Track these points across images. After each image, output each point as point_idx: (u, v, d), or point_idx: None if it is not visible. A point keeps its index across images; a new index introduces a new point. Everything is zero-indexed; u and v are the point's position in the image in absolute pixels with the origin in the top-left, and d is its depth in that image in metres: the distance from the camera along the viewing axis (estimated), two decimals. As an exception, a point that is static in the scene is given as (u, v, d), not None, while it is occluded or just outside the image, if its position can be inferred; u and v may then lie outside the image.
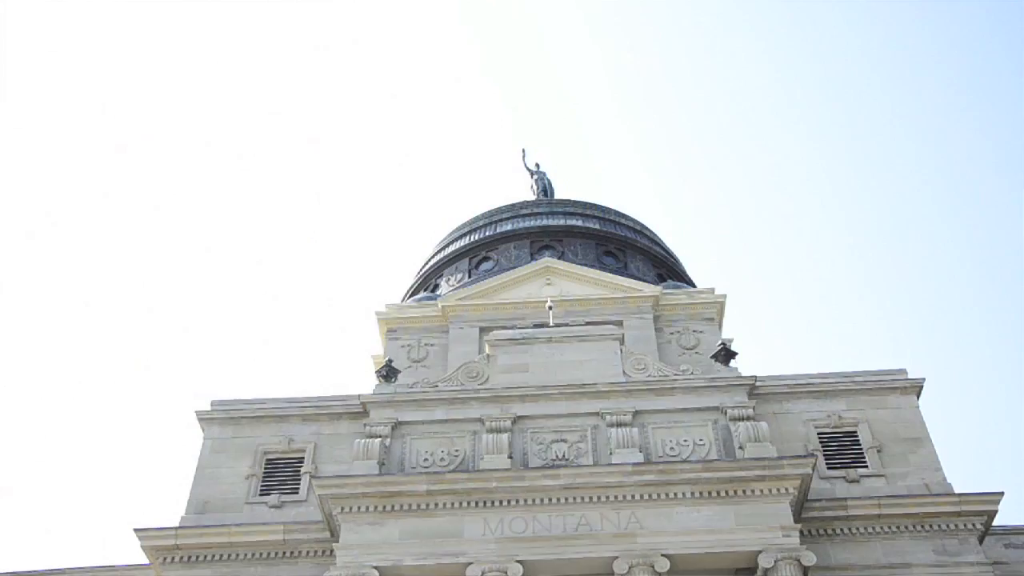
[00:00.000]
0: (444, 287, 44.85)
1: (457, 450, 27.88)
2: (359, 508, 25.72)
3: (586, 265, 42.53)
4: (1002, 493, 26.55)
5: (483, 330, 37.08)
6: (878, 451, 28.08)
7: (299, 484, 28.38)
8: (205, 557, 26.76)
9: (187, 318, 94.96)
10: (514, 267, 42.75)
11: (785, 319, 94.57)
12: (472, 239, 47.24)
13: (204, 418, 30.17)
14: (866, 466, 27.84)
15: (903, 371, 30.17)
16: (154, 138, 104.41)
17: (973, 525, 26.32)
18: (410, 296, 46.63)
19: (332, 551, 25.55)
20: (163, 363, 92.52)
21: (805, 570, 24.23)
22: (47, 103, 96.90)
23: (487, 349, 31.09)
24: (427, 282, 46.89)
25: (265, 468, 28.87)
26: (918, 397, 29.57)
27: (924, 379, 29.77)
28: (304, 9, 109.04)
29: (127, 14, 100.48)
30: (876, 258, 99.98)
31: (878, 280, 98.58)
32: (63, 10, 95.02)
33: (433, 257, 48.66)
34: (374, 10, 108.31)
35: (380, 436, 28.02)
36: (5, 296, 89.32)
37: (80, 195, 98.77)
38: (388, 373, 30.05)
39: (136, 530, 27.01)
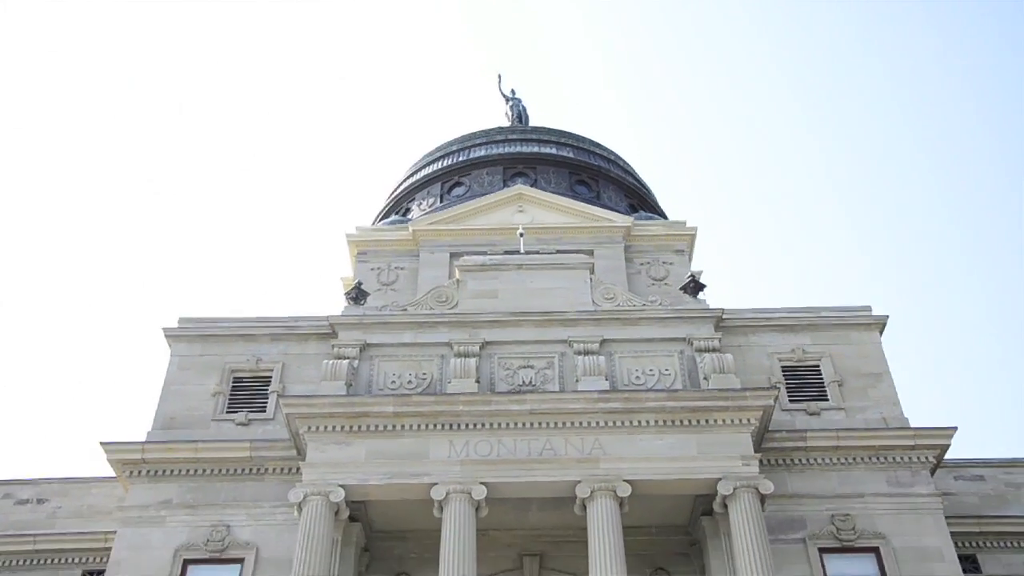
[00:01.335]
0: (416, 211, 44.61)
1: (425, 373, 28.01)
2: (326, 428, 25.87)
3: (559, 193, 42.43)
4: (955, 428, 27.23)
5: (453, 255, 37.06)
6: (839, 385, 28.59)
7: (266, 403, 28.45)
8: (171, 472, 26.88)
9: (157, 237, 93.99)
10: (486, 193, 42.57)
11: (754, 254, 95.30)
12: (445, 164, 46.87)
13: (171, 335, 30.03)
14: (827, 399, 28.37)
15: (868, 308, 30.59)
16: (130, 56, 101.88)
17: (926, 458, 27.02)
18: (381, 219, 46.37)
19: (298, 469, 25.75)
20: (133, 281, 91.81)
21: (763, 498, 24.78)
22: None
23: (457, 274, 31.06)
24: (399, 206, 46.60)
25: (232, 386, 28.88)
26: (881, 334, 30.04)
27: (887, 316, 30.23)
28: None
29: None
30: (848, 196, 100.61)
31: (848, 218, 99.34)
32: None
33: (405, 181, 48.27)
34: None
35: (348, 358, 28.08)
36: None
37: (48, 110, 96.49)
38: (357, 295, 29.99)
39: (103, 443, 27.06)
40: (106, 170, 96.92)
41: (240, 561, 25.51)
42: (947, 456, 28.02)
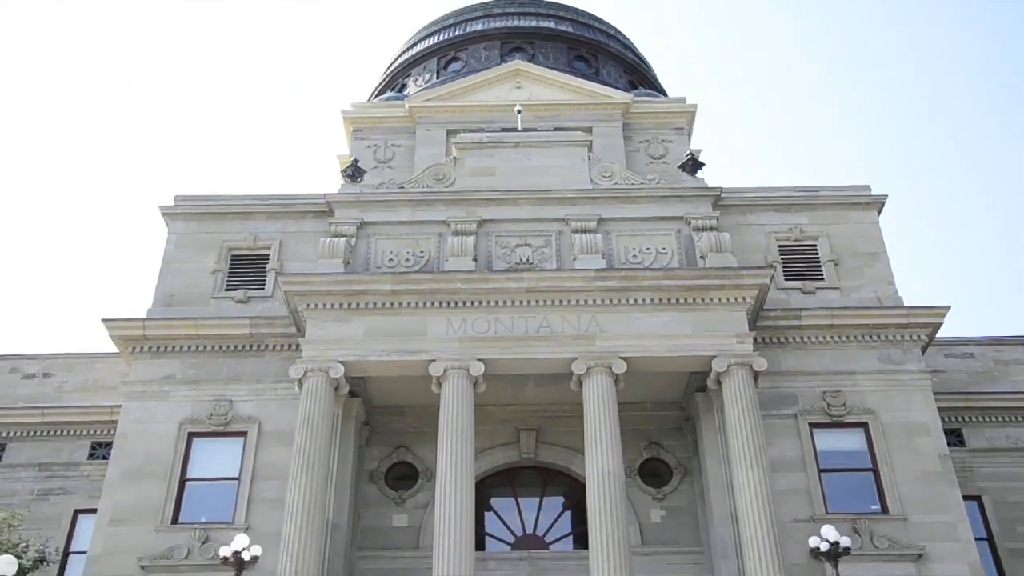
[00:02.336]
0: (412, 87, 43.86)
1: (422, 251, 28.05)
2: (324, 305, 26.05)
3: (557, 69, 41.65)
4: (948, 307, 27.47)
5: (450, 132, 36.68)
6: (835, 264, 28.68)
7: (264, 280, 28.57)
8: (173, 348, 27.21)
9: (154, 115, 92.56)
10: (484, 69, 41.79)
11: (754, 132, 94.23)
12: (441, 38, 45.84)
13: (168, 213, 29.93)
14: (822, 279, 28.50)
15: (867, 187, 30.44)
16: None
17: (918, 336, 27.35)
18: (377, 96, 45.64)
19: (298, 346, 26.07)
20: (131, 160, 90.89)
21: (756, 374, 25.19)
22: None
23: (454, 152, 30.76)
24: (394, 82, 45.79)
25: (230, 264, 28.95)
26: (879, 213, 29.97)
27: (886, 196, 30.09)
28: None
29: None
30: (849, 76, 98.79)
31: (848, 98, 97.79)
32: None
33: (401, 56, 47.30)
34: None
35: (345, 235, 28.07)
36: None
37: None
38: (354, 173, 29.75)
39: (104, 320, 27.29)
40: (102, 48, 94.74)
41: (243, 435, 26.09)
42: (939, 335, 28.38)
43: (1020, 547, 28.97)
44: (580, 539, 26.08)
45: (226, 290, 28.45)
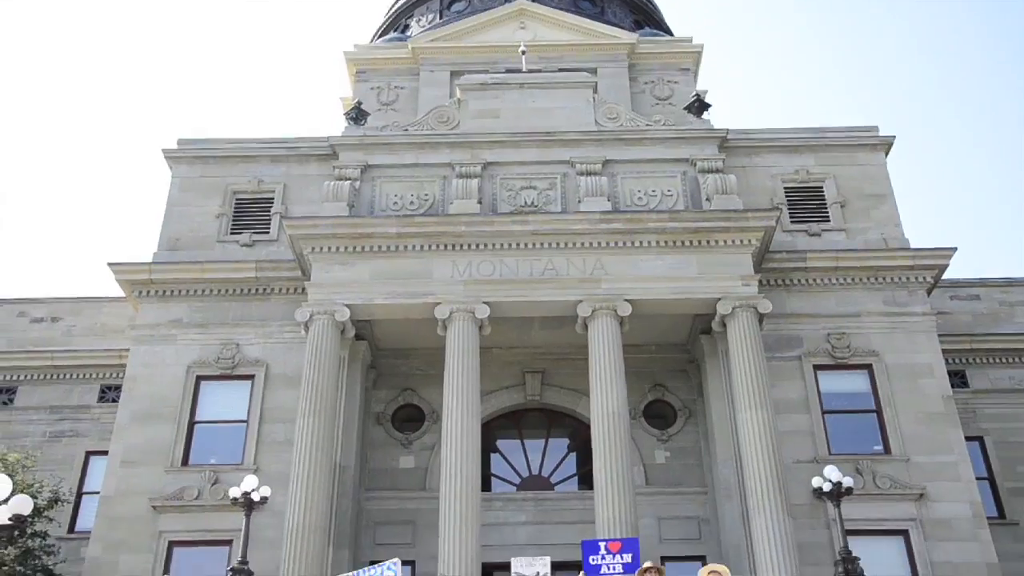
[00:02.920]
0: (415, 28, 43.31)
1: (427, 194, 27.95)
2: (330, 248, 26.04)
3: (561, 9, 41.05)
4: (954, 249, 27.39)
5: (454, 74, 36.28)
6: (841, 206, 28.54)
7: (269, 224, 28.53)
8: (179, 292, 27.30)
9: (158, 57, 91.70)
10: (487, 9, 41.17)
11: (761, 73, 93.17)
12: (444, -23, 45.06)
13: (172, 156, 29.81)
14: (828, 221, 28.39)
15: (874, 128, 30.16)
16: None
17: (924, 278, 27.31)
18: (380, 37, 45.08)
19: (304, 289, 26.12)
20: (135, 104, 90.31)
21: (761, 317, 25.22)
22: None
23: (458, 94, 30.48)
24: (397, 22, 45.19)
25: (235, 207, 28.90)
26: (886, 155, 29.75)
27: (894, 137, 29.84)
28: None
29: None
30: (857, 16, 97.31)
31: (856, 39, 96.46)
32: None
33: (404, -5, 46.56)
34: None
35: (350, 179, 27.95)
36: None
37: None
38: (357, 115, 29.53)
39: (111, 264, 27.36)
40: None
41: (251, 378, 26.29)
42: (946, 276, 28.36)
43: (1020, 486, 29.31)
44: (585, 480, 26.38)
45: (231, 234, 28.44)
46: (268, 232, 28.39)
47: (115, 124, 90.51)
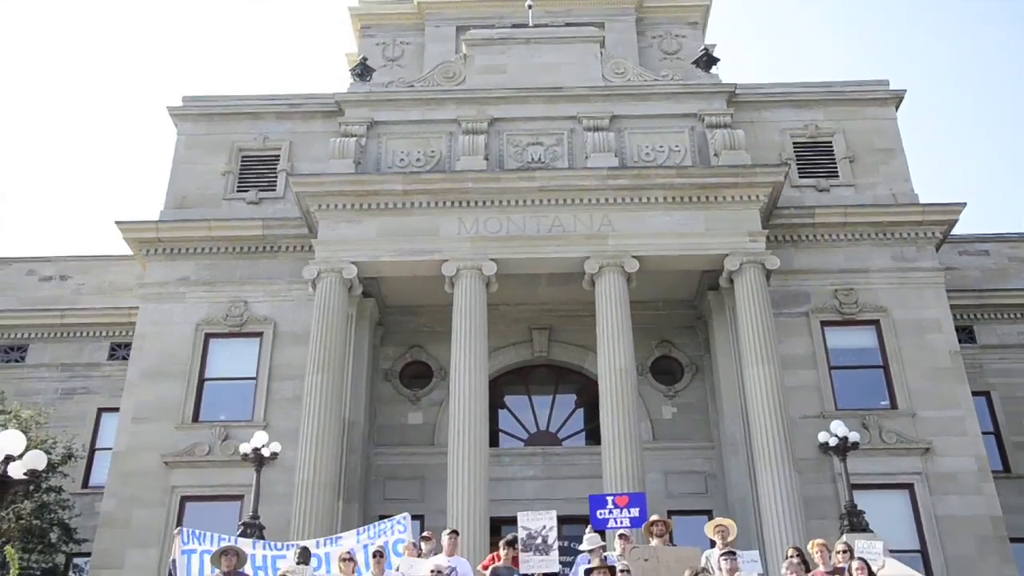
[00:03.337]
0: (420, -19, 42.73)
1: (433, 151, 27.85)
2: (336, 206, 26.03)
3: (568, -38, 40.42)
4: (964, 204, 27.24)
5: (460, 29, 35.93)
6: (850, 161, 28.37)
7: (276, 181, 28.50)
8: (186, 250, 27.35)
9: (162, 15, 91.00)
10: (493, -38, 40.57)
11: (770, 27, 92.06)
12: (449, -70, 44.42)
13: (176, 114, 29.71)
14: (837, 176, 28.23)
15: (885, 82, 29.87)
16: None
17: (932, 234, 27.20)
18: (384, -9, 44.52)
19: (311, 247, 26.14)
20: (139, 61, 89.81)
21: (768, 273, 25.19)
22: None
23: (464, 49, 30.23)
24: (402, -23, 44.61)
25: (241, 165, 28.84)
26: (897, 109, 29.49)
27: (905, 91, 29.55)
28: None
29: None
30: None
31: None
32: None
33: (408, -51, 45.96)
34: None
35: (355, 135, 27.85)
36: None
37: None
38: (363, 71, 29.33)
39: (118, 223, 27.40)
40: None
41: (259, 335, 26.42)
42: (955, 232, 28.25)
43: (1026, 440, 29.39)
44: (592, 435, 26.57)
45: (237, 191, 28.43)
46: (274, 190, 28.36)
47: (121, 82, 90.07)
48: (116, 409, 26.84)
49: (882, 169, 28.32)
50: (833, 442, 21.93)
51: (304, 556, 14.53)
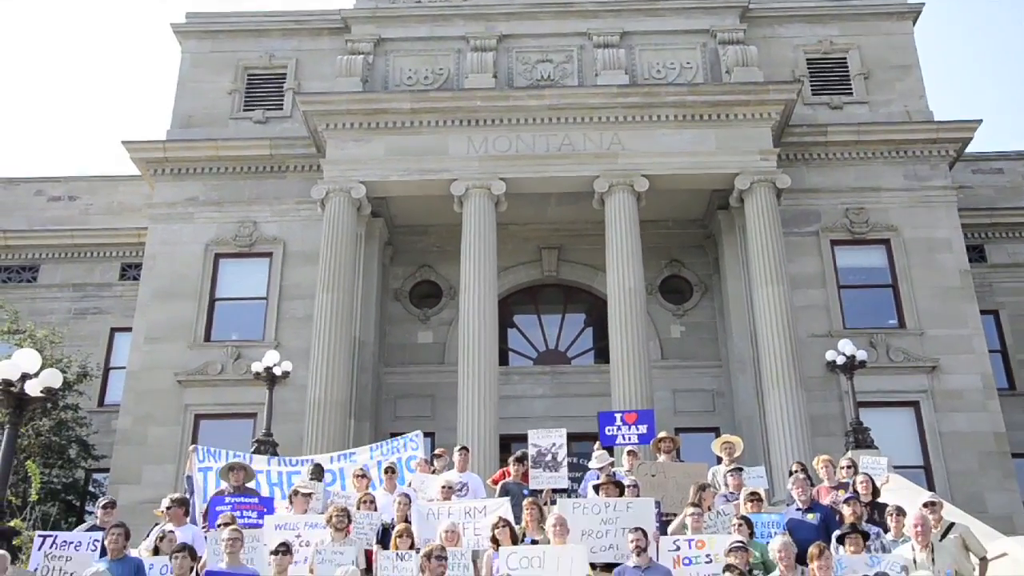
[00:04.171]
0: None
1: (441, 68, 27.50)
2: (344, 125, 25.82)
3: None
4: (979, 121, 26.87)
5: (468, -58, 35.07)
6: (865, 78, 27.92)
7: (282, 100, 28.24)
8: (194, 170, 27.26)
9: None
10: None
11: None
12: None
13: (180, 31, 29.31)
14: (851, 93, 27.82)
15: (902, -5, 29.21)
16: None
17: (946, 152, 26.91)
18: (389, -97, 43.44)
19: (319, 166, 26.02)
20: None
21: (779, 192, 25.04)
22: None
23: (472, -37, 29.57)
24: None
25: (247, 83, 28.56)
26: (914, 24, 28.90)
27: (923, 4, 28.92)
28: None
29: None
30: None
31: None
32: None
33: None
34: None
35: (363, 53, 27.49)
36: None
37: None
38: (369, -13, 28.77)
39: (124, 142, 27.26)
40: None
41: (268, 255, 26.50)
42: (970, 150, 27.92)
43: (1033, 358, 29.49)
44: (601, 354, 26.74)
45: (244, 110, 28.19)
46: (281, 108, 28.12)
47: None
48: (129, 329, 27.08)
49: (897, 86, 27.88)
50: (841, 361, 22.05)
51: (317, 472, 14.81)
